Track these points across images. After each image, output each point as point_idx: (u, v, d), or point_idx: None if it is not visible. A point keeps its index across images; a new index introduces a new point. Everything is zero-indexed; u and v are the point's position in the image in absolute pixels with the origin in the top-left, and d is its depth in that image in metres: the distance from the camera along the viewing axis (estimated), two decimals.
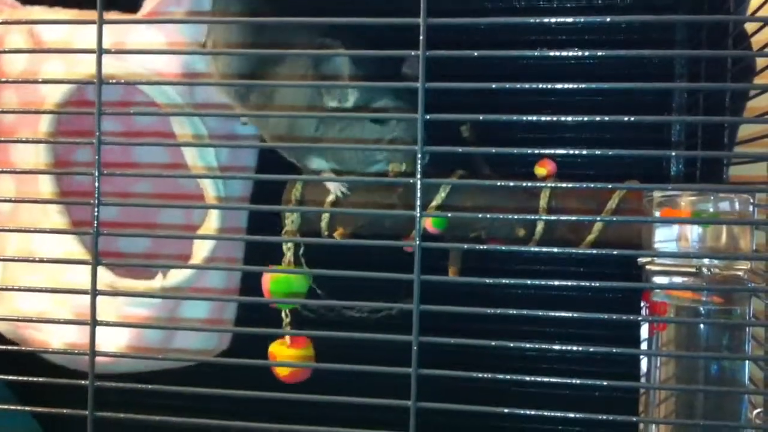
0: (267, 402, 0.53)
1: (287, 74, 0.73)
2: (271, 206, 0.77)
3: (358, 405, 0.50)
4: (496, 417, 0.51)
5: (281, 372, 0.72)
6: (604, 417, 0.49)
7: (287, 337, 0.73)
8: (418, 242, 0.50)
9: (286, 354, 0.73)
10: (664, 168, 0.86)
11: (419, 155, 0.50)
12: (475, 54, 0.49)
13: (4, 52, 0.79)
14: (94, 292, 0.53)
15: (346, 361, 0.52)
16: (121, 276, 0.73)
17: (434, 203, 0.71)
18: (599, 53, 0.49)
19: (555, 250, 0.51)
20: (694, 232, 0.60)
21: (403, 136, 0.71)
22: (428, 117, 0.49)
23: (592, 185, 0.47)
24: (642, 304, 0.65)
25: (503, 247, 0.52)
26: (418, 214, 0.50)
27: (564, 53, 0.50)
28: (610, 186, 0.48)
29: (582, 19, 0.48)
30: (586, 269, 0.86)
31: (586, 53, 0.49)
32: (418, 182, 0.50)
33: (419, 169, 0.50)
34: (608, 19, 0.49)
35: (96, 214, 0.53)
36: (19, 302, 0.75)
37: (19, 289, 0.60)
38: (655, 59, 0.85)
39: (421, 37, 0.48)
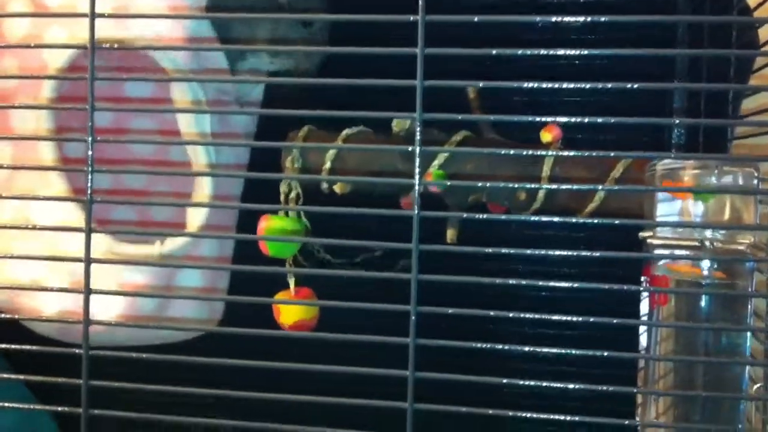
0: (262, 371, 0.53)
1: None
2: (268, 174, 0.76)
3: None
4: (494, 391, 0.50)
5: (285, 321, 0.73)
6: (604, 388, 0.48)
7: (292, 289, 0.73)
8: (416, 212, 0.50)
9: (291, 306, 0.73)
10: (667, 142, 0.86)
11: (418, 123, 0.49)
12: (475, 19, 0.48)
13: None
14: (88, 260, 0.52)
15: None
16: (119, 241, 0.73)
17: (436, 162, 0.71)
18: (602, 18, 0.48)
19: (555, 219, 0.50)
20: (696, 207, 0.59)
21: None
22: (427, 83, 0.49)
23: (594, 153, 0.46)
24: (642, 279, 0.64)
25: (503, 216, 0.51)
26: (417, 183, 0.50)
27: (565, 18, 0.49)
28: (612, 154, 0.47)
29: None
30: (585, 247, 0.85)
31: (589, 18, 0.48)
32: (417, 149, 0.50)
33: (419, 137, 0.49)
34: None
35: (89, 181, 0.52)
36: (13, 270, 0.75)
37: (12, 257, 0.59)
38: (657, 28, 0.83)
39: (420, 2, 0.48)
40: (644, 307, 0.64)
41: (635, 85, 0.47)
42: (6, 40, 0.77)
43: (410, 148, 0.50)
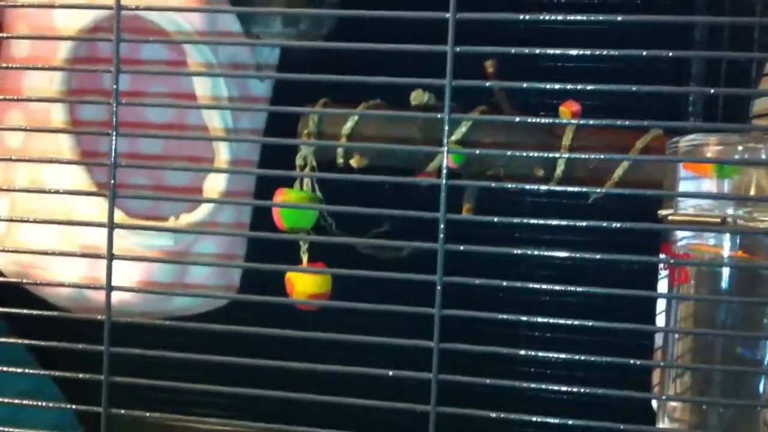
0: (279, 339, 0.52)
1: None
2: (286, 139, 0.75)
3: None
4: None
5: (299, 293, 0.73)
6: (633, 361, 0.48)
7: (304, 261, 0.73)
8: (444, 181, 0.49)
9: (304, 279, 0.73)
10: (684, 119, 0.85)
11: (448, 89, 0.48)
12: None
13: None
14: (111, 225, 0.51)
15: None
16: (133, 217, 0.72)
17: (454, 137, 0.71)
18: None
19: (582, 189, 0.50)
20: (720, 186, 0.59)
21: None
22: (458, 49, 0.48)
23: (618, 122, 0.45)
24: (662, 256, 0.64)
25: (529, 186, 0.50)
26: (446, 150, 0.49)
27: None
28: (645, 123, 0.47)
29: None
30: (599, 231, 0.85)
31: None
32: (446, 117, 0.49)
33: (448, 104, 0.49)
34: None
35: (114, 145, 0.51)
36: (26, 240, 0.74)
37: (34, 221, 0.58)
38: None
39: None
40: (662, 286, 0.63)
41: (670, 53, 0.46)
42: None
43: (439, 116, 0.49)
